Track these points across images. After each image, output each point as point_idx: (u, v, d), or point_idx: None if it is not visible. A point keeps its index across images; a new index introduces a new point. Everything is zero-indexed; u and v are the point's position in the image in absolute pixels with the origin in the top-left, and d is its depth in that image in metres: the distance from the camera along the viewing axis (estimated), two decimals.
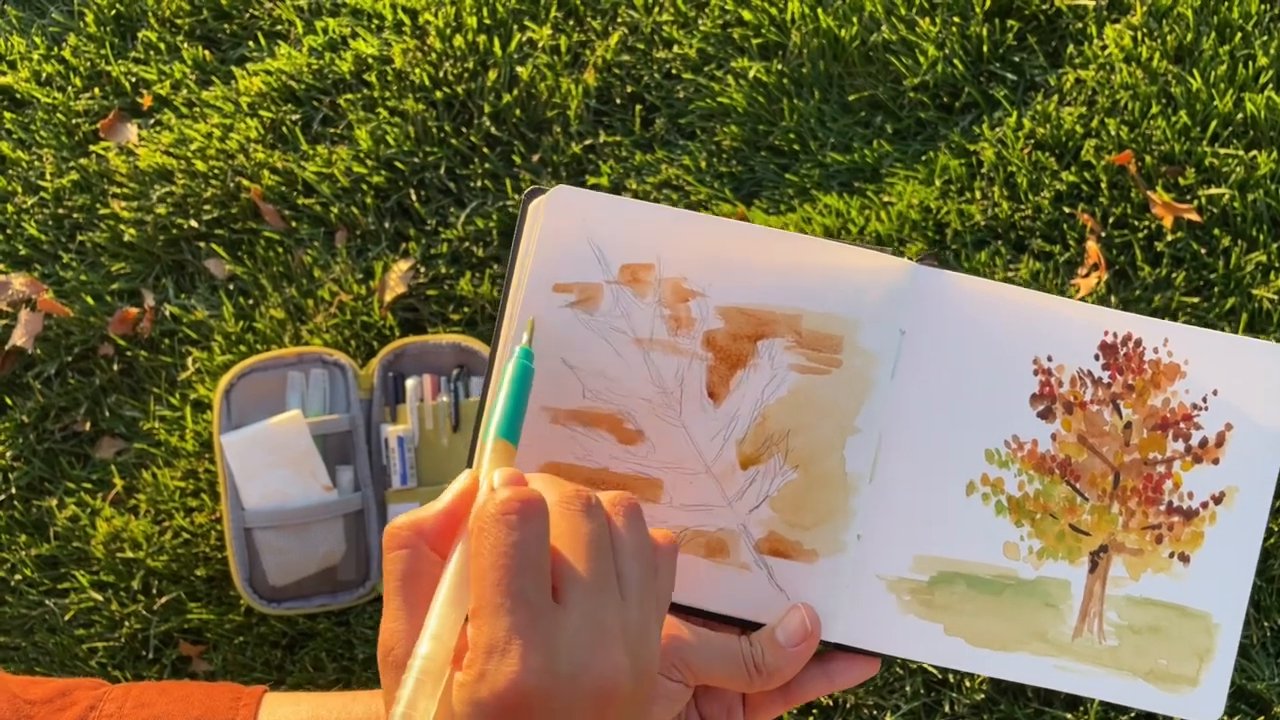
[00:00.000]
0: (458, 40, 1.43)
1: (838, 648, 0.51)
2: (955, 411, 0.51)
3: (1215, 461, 0.51)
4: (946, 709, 1.18)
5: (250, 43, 1.50)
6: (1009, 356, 0.51)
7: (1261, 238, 1.26)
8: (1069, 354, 0.51)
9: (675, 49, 1.41)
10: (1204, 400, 0.52)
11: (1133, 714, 1.17)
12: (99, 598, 1.30)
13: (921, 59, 1.35)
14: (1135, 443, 0.52)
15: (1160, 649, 0.51)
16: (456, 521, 0.42)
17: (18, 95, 1.52)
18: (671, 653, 0.47)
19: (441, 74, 1.43)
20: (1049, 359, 0.51)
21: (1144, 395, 0.52)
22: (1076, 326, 0.51)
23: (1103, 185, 1.29)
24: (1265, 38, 1.31)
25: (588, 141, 1.40)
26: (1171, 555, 0.51)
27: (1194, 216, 1.27)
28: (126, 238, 1.42)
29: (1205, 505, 0.52)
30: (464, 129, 1.42)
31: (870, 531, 0.51)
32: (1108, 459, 0.52)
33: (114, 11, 1.53)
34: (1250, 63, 1.30)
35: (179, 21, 1.52)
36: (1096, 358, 0.52)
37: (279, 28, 1.50)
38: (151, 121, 1.49)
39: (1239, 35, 1.31)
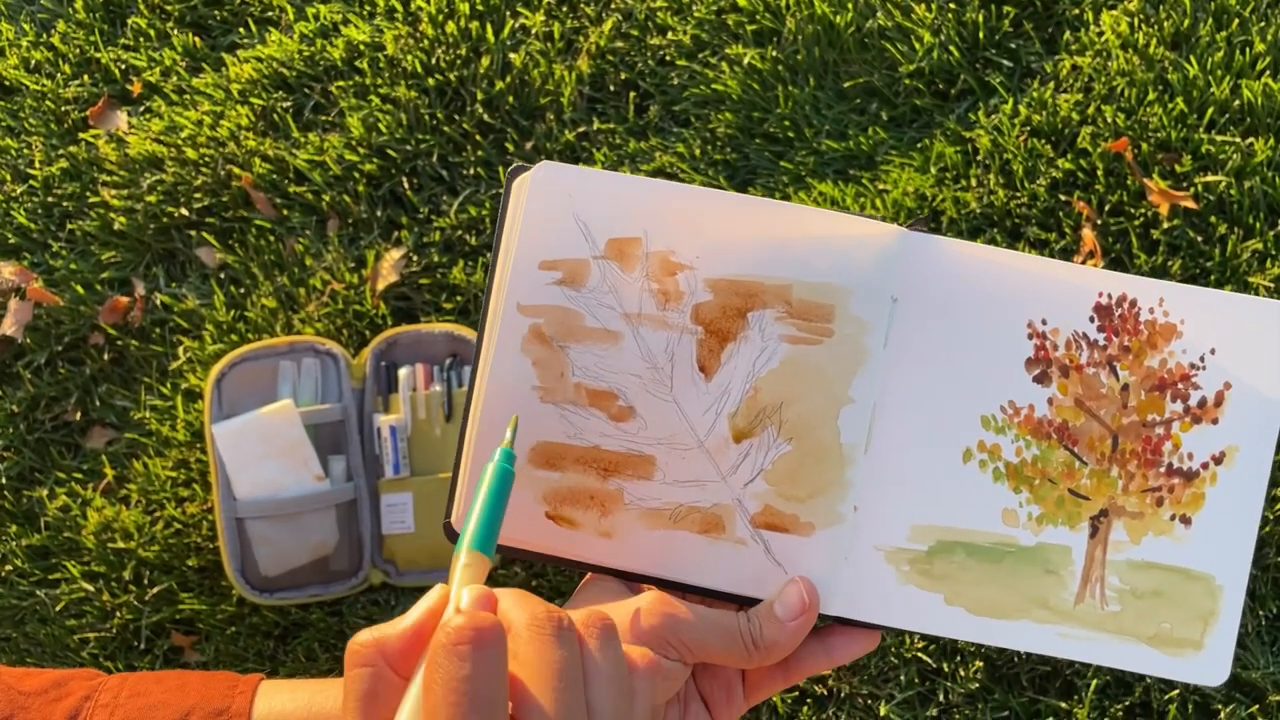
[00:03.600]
0: (450, 26, 1.42)
1: (837, 621, 0.51)
2: (950, 378, 0.50)
3: (1214, 421, 0.51)
4: (941, 698, 1.18)
5: (241, 29, 1.49)
6: (1003, 321, 0.50)
7: (1258, 225, 1.25)
8: (1063, 316, 0.51)
9: (669, 35, 1.40)
10: (1201, 359, 0.51)
11: (1129, 701, 1.16)
12: (90, 588, 1.29)
13: (917, 45, 1.35)
14: (1133, 405, 0.51)
15: (1163, 613, 0.50)
16: (422, 641, 0.39)
17: (6, 82, 1.50)
18: (668, 630, 0.47)
19: (434, 61, 1.42)
20: (1043, 322, 0.51)
21: (1140, 356, 0.51)
22: (1070, 288, 0.51)
23: (1099, 172, 1.28)
24: (1262, 24, 1.30)
25: (581, 129, 1.39)
26: (1173, 517, 0.51)
27: (1190, 204, 1.26)
28: (117, 226, 1.41)
29: (1205, 466, 0.51)
30: (456, 116, 1.41)
31: (867, 502, 0.50)
32: (1105, 422, 0.51)
33: None
34: (1247, 49, 1.29)
35: (169, 8, 1.51)
36: (1091, 319, 0.51)
37: (270, 14, 1.49)
38: (141, 109, 1.48)
39: (1236, 21, 1.30)
